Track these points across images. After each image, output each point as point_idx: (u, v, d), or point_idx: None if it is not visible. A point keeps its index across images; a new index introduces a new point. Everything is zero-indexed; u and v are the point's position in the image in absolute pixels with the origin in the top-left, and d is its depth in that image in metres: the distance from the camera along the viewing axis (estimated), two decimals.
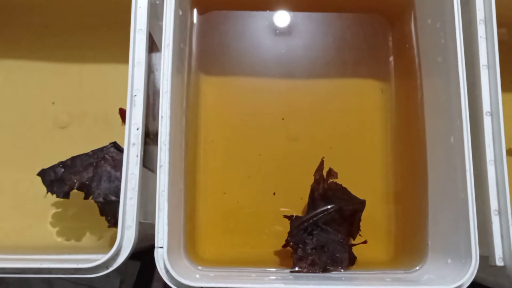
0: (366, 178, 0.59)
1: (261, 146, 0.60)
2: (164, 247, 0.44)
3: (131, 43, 0.47)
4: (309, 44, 0.62)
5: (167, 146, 0.46)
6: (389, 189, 0.58)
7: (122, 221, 0.44)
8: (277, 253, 0.55)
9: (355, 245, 0.52)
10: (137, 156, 0.46)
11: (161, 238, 0.44)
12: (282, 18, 0.62)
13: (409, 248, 0.55)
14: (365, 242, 0.52)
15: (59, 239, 0.57)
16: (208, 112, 0.60)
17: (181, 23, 0.52)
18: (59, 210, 0.58)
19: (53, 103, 0.61)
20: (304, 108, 0.61)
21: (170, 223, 0.45)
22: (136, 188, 0.45)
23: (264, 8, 0.62)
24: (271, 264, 0.54)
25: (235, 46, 0.62)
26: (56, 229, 0.58)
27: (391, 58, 0.62)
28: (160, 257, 0.44)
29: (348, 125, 0.60)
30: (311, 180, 0.53)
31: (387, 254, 0.57)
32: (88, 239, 0.57)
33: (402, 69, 0.60)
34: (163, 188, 0.45)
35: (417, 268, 0.51)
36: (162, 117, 0.46)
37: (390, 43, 0.62)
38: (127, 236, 0.44)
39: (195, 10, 0.61)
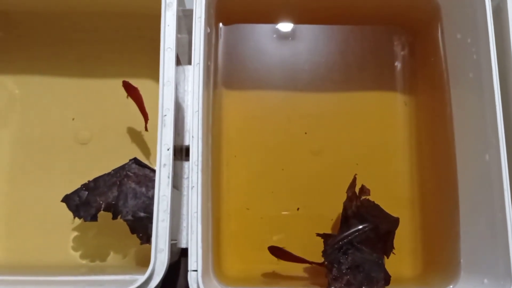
0: (392, 193, 0.58)
1: (284, 161, 0.59)
2: (198, 271, 0.43)
3: (161, 62, 0.47)
4: (331, 57, 0.61)
5: (199, 167, 0.45)
6: (415, 204, 0.58)
7: (155, 244, 0.43)
8: (306, 270, 0.55)
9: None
10: (168, 177, 0.45)
11: (195, 261, 0.43)
12: (302, 31, 0.62)
13: (439, 265, 0.54)
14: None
15: (81, 257, 0.56)
16: (230, 127, 0.59)
17: (208, 40, 0.51)
18: (80, 227, 0.57)
19: (73, 119, 0.60)
20: (326, 122, 0.60)
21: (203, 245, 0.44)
22: (168, 210, 0.44)
23: (284, 21, 0.62)
24: (301, 282, 0.53)
25: (256, 60, 0.61)
26: (78, 247, 0.57)
27: (415, 71, 0.61)
28: (194, 280, 0.43)
29: (371, 138, 0.60)
30: (337, 194, 0.52)
31: (414, 269, 0.56)
32: (112, 257, 0.56)
33: (426, 82, 0.60)
34: (195, 209, 0.44)
35: (451, 287, 0.50)
36: (193, 137, 0.46)
37: (414, 56, 0.61)
38: (159, 260, 0.43)
39: (220, 25, 0.60)
